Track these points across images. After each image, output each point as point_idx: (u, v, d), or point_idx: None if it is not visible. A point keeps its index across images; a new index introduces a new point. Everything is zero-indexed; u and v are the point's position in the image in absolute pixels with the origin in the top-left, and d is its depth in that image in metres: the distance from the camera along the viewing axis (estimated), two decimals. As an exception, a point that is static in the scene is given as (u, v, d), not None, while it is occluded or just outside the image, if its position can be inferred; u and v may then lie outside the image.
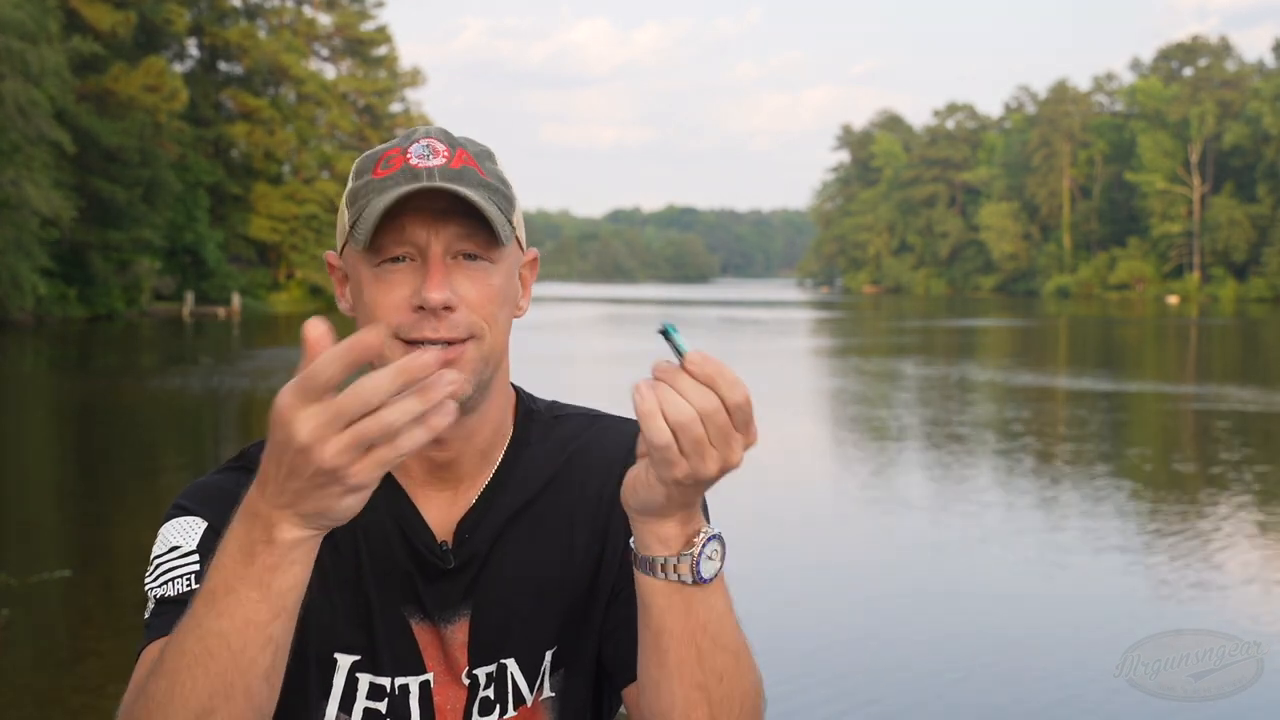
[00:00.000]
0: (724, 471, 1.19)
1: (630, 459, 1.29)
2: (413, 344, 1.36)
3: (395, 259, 1.37)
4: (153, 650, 1.33)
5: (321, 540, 1.18)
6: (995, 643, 7.48)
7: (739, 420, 1.17)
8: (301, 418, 1.10)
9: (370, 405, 1.08)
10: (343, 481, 1.10)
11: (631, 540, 1.29)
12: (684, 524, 1.26)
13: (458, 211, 1.37)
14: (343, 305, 1.49)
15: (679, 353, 1.18)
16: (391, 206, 1.36)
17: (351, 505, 1.13)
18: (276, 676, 1.20)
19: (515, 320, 1.47)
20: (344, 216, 1.43)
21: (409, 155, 1.39)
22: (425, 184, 1.35)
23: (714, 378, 1.16)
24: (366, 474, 1.10)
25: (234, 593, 1.16)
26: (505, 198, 1.42)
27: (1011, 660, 7.11)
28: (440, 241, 1.37)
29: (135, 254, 51.50)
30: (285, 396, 1.11)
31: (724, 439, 1.17)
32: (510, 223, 1.41)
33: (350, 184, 1.43)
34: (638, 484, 1.24)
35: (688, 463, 1.18)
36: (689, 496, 1.22)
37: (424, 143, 1.41)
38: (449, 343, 1.36)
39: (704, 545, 1.26)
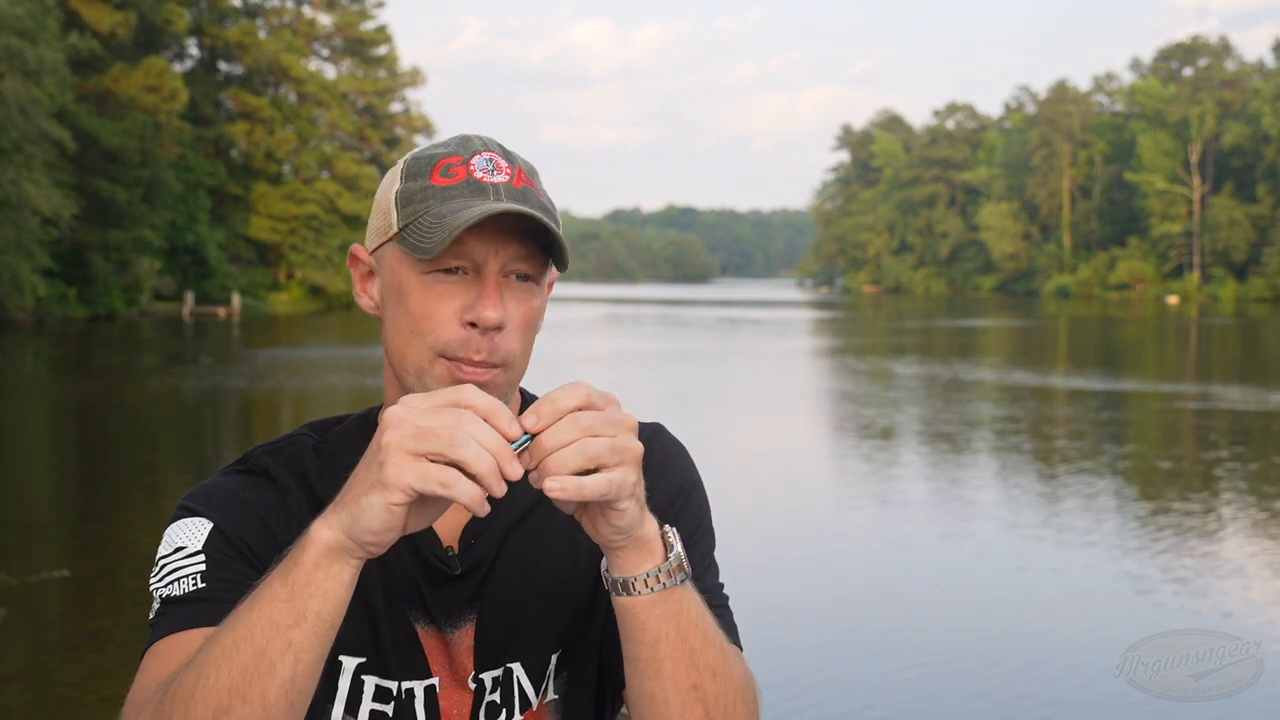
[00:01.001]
0: (635, 435, 1.22)
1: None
2: (454, 361, 1.37)
3: (448, 270, 1.37)
4: (158, 649, 1.33)
5: (355, 570, 1.21)
6: (993, 643, 7.48)
7: (598, 402, 1.21)
8: (410, 398, 1.19)
9: (458, 428, 1.15)
10: (382, 466, 1.15)
11: (610, 573, 1.30)
12: (652, 522, 1.29)
13: (519, 232, 1.36)
14: (363, 301, 1.48)
15: (528, 438, 1.20)
16: (453, 215, 1.34)
17: (374, 511, 1.16)
18: (297, 695, 1.20)
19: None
20: (390, 215, 1.40)
21: (472, 168, 1.38)
22: (507, 205, 1.34)
23: (551, 416, 1.19)
24: (400, 469, 1.15)
25: (269, 586, 1.21)
26: (556, 221, 1.41)
27: (1010, 660, 7.11)
28: (499, 260, 1.36)
29: (135, 254, 51.54)
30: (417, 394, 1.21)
31: (612, 421, 1.21)
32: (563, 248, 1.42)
33: (400, 184, 1.40)
34: (610, 517, 1.25)
35: (620, 471, 1.20)
36: (642, 484, 1.25)
37: (485, 156, 1.39)
38: (488, 365, 1.37)
39: (676, 540, 1.30)
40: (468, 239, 1.35)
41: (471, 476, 1.15)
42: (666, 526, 1.31)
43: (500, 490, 1.15)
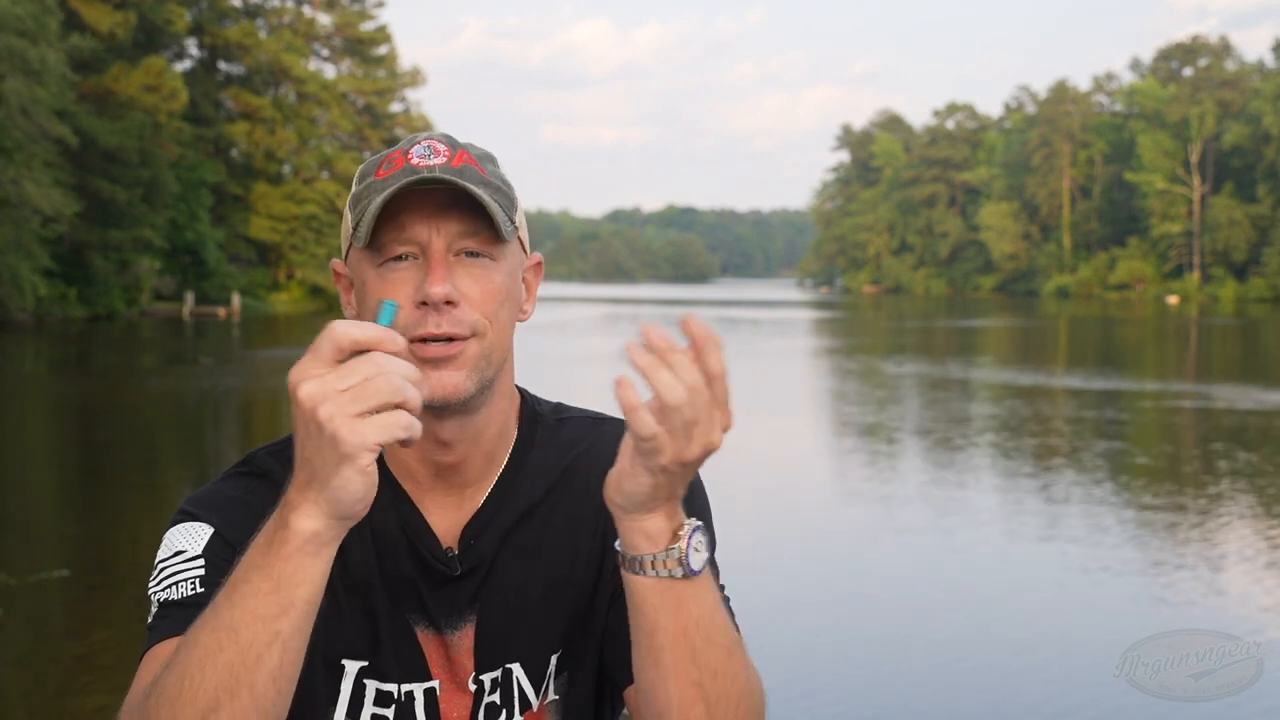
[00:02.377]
0: (707, 453, 1.21)
1: None
2: (416, 342, 1.37)
3: (398, 258, 1.38)
4: (156, 652, 1.33)
5: (338, 545, 1.21)
6: (993, 643, 7.48)
7: (719, 394, 1.19)
8: (302, 368, 1.17)
9: (385, 374, 1.15)
10: (336, 440, 1.14)
11: (618, 543, 1.30)
12: (669, 517, 1.27)
13: (459, 208, 1.38)
14: (349, 313, 1.49)
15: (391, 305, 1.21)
16: (393, 203, 1.36)
17: (353, 483, 1.15)
18: (285, 682, 1.20)
19: (518, 323, 1.48)
20: (347, 221, 1.44)
21: (410, 156, 1.40)
22: (425, 175, 1.36)
23: (705, 341, 1.18)
24: (356, 433, 1.14)
25: (248, 582, 1.19)
26: (507, 197, 1.43)
27: (1010, 660, 7.11)
28: (442, 238, 1.38)
29: (135, 254, 51.51)
30: (299, 363, 1.18)
31: (708, 418, 1.18)
32: (512, 222, 1.42)
33: (353, 189, 1.44)
34: (623, 478, 1.25)
35: (673, 445, 1.19)
36: (674, 485, 1.24)
37: (425, 144, 1.42)
38: (451, 339, 1.37)
39: (690, 537, 1.28)
40: (408, 222, 1.37)
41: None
42: (689, 523, 1.29)
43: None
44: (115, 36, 51.36)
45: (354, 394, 1.14)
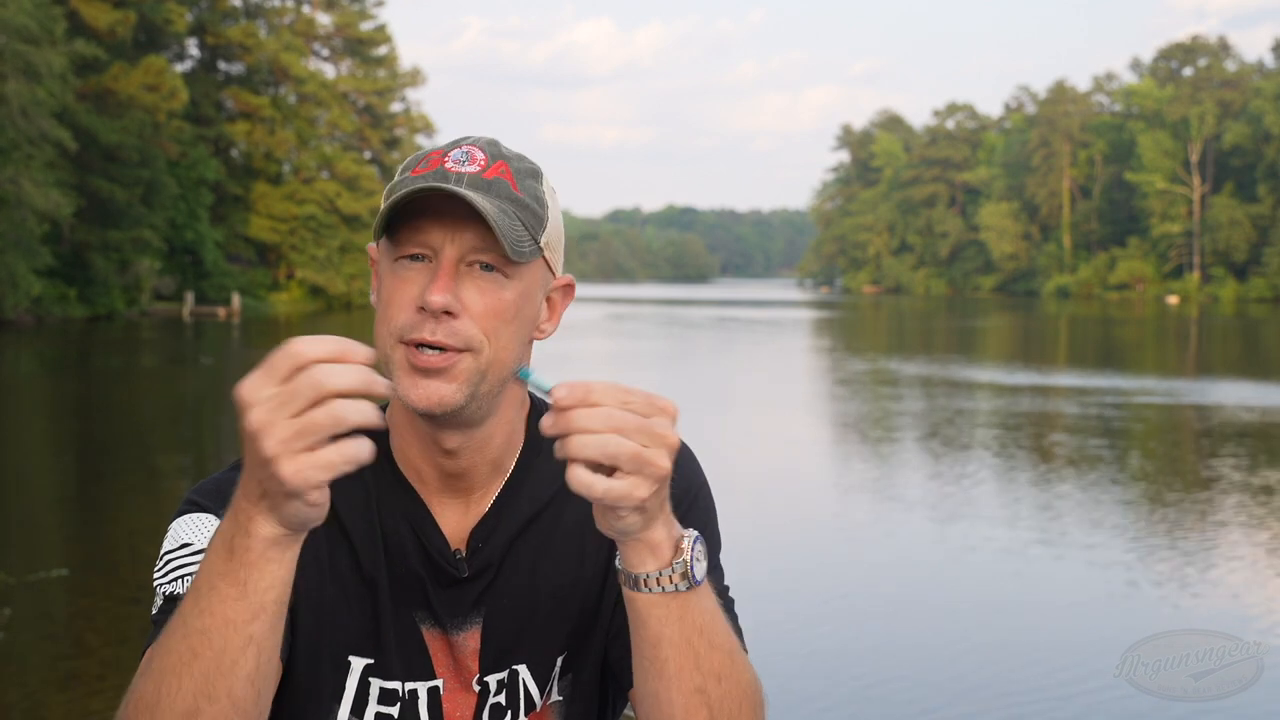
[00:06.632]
0: (672, 456, 1.20)
1: None
2: (409, 345, 1.36)
3: (413, 257, 1.38)
4: None
5: (301, 544, 1.18)
6: (994, 643, 7.48)
7: (642, 408, 1.19)
8: (250, 387, 1.11)
9: (321, 391, 1.09)
10: (280, 479, 1.10)
11: (618, 562, 1.30)
12: (668, 526, 1.27)
13: (479, 220, 1.35)
14: (374, 298, 1.49)
15: (544, 391, 1.18)
16: (415, 202, 1.36)
17: (302, 512, 1.13)
18: (263, 681, 1.20)
19: (536, 341, 1.46)
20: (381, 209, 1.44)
21: (447, 159, 1.39)
22: (438, 184, 1.34)
23: (587, 398, 1.17)
24: (301, 474, 1.10)
25: (215, 590, 1.17)
26: (535, 216, 1.40)
27: (1010, 661, 7.11)
28: (455, 247, 1.36)
29: (135, 254, 51.51)
30: (250, 378, 1.11)
31: (648, 432, 1.18)
32: (536, 241, 1.39)
33: (394, 179, 1.44)
34: (603, 520, 1.25)
35: (635, 476, 1.18)
36: (660, 498, 1.23)
37: (465, 149, 1.41)
38: (443, 349, 1.35)
39: (692, 549, 1.28)
40: (426, 226, 1.36)
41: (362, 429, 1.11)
42: (688, 533, 1.29)
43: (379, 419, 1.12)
44: (115, 34, 51.34)
45: (299, 428, 1.09)
